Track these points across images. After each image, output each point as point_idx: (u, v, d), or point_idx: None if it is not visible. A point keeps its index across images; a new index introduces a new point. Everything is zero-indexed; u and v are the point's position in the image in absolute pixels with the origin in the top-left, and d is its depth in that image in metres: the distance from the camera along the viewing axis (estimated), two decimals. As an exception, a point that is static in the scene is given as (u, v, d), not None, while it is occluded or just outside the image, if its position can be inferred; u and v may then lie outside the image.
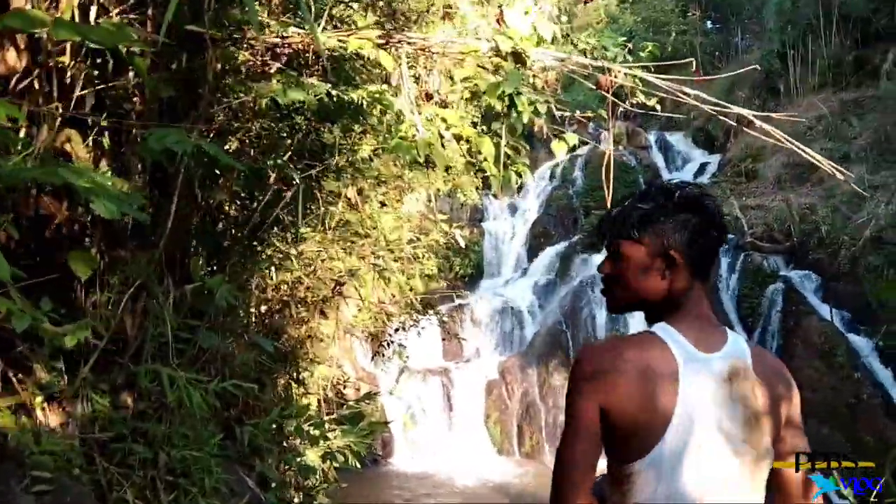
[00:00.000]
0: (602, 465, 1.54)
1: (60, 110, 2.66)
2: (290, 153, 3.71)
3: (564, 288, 12.69)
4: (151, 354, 3.01)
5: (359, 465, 5.11)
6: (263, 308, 4.71)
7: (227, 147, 3.73)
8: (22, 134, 2.69)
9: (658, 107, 3.40)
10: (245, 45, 3.21)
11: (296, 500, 4.70)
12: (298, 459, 4.49)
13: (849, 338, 9.70)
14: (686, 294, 1.60)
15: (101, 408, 2.83)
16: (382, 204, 5.92)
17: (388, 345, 7.19)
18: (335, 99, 3.00)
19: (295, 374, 4.98)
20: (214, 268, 3.72)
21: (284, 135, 3.61)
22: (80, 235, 3.04)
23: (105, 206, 2.14)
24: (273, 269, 4.48)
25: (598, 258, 11.46)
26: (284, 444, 4.41)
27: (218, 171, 3.70)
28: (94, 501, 2.59)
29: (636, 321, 11.49)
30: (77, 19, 2.69)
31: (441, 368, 11.51)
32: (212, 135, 3.45)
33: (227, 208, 4.04)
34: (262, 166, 3.75)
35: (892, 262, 9.94)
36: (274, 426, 4.10)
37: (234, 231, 3.97)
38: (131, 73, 3.03)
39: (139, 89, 3.09)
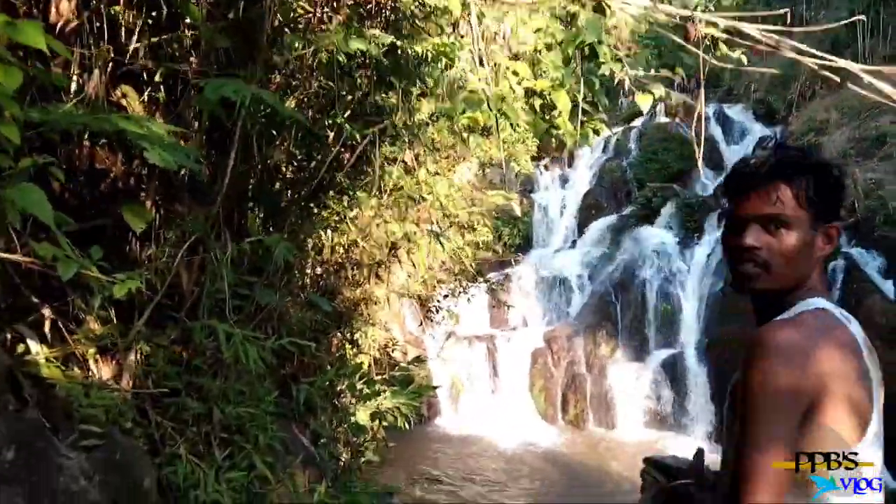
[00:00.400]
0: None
1: (112, 55, 2.61)
2: (348, 112, 3.63)
3: (615, 260, 12.46)
4: (208, 310, 2.99)
5: (407, 427, 5.12)
6: (319, 269, 4.69)
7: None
8: (74, 85, 2.67)
9: (744, 58, 3.17)
10: (304, -4, 3.12)
11: (344, 455, 4.75)
12: (350, 418, 4.50)
13: (914, 320, 9.28)
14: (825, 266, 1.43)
15: (156, 362, 2.82)
16: (436, 173, 5.84)
17: (437, 310, 7.17)
18: (399, 51, 2.89)
19: (349, 334, 4.98)
20: (271, 228, 3.68)
21: (343, 93, 3.53)
22: (135, 189, 3.03)
23: (160, 155, 2.09)
24: (329, 231, 4.44)
25: (652, 231, 11.18)
26: (336, 402, 4.42)
27: (274, 132, 3.65)
28: (145, 456, 2.59)
29: (689, 294, 11.25)
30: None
31: (487, 335, 11.48)
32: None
33: (283, 169, 4.00)
34: (319, 126, 3.68)
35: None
36: (328, 384, 4.09)
37: (290, 192, 3.93)
38: (188, 31, 2.98)
39: (195, 44, 3.03)
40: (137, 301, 2.76)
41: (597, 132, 3.63)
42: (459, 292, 6.97)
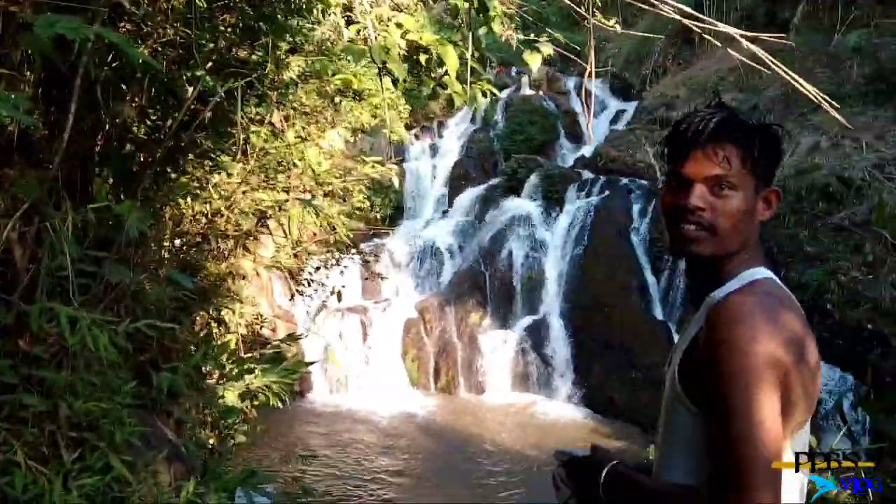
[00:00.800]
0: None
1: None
2: (209, 65, 3.24)
3: (483, 230, 12.64)
4: (47, 290, 2.57)
5: (280, 405, 4.88)
6: (178, 242, 4.25)
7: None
8: None
9: (618, 27, 3.17)
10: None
11: (212, 441, 4.44)
12: (218, 400, 4.17)
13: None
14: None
15: (-15, 353, 2.39)
16: (304, 139, 5.50)
17: (309, 283, 6.85)
18: (269, -4, 2.57)
19: (215, 312, 4.58)
20: (122, 195, 3.24)
21: (203, 42, 3.13)
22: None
23: (-17, 105, 1.69)
24: (189, 198, 4.01)
25: (517, 201, 11.36)
26: (202, 385, 4.06)
27: (124, 85, 3.20)
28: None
29: (551, 263, 11.58)
30: None
31: (360, 307, 11.35)
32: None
33: (135, 129, 3.55)
34: (177, 80, 3.27)
35: (793, 211, 10.32)
36: (193, 368, 3.72)
37: (143, 154, 3.48)
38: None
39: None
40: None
41: (484, 94, 3.44)
42: (332, 264, 6.68)
